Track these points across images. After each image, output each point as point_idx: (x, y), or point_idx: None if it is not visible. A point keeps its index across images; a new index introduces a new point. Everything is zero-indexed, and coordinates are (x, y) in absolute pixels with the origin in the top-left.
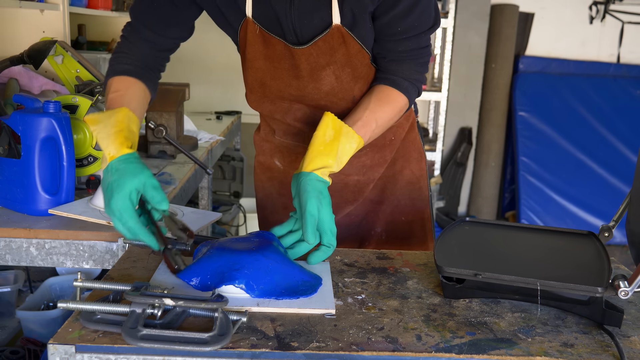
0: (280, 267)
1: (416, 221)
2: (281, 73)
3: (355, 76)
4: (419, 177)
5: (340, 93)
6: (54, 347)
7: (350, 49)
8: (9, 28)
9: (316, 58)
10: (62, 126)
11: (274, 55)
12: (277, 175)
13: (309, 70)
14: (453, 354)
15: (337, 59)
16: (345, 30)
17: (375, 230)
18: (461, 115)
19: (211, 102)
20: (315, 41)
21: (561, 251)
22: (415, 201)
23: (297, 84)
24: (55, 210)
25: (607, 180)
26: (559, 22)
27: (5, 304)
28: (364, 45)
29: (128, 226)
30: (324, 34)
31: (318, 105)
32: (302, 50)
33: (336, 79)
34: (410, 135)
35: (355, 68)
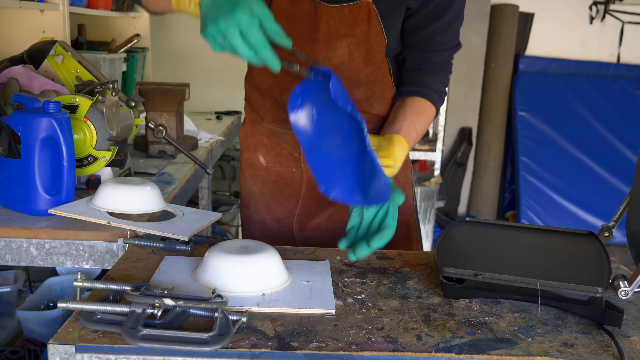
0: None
1: (400, 229)
2: (298, 34)
3: (367, 59)
4: (404, 185)
5: (348, 72)
6: (54, 347)
7: (372, 28)
8: (9, 28)
9: (336, 24)
10: (62, 126)
11: (296, 13)
12: (260, 174)
13: (326, 34)
14: (453, 354)
15: (356, 34)
16: (373, 7)
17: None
18: (461, 115)
19: (211, 102)
20: (342, 5)
21: (561, 251)
22: (400, 209)
23: (310, 49)
24: (55, 210)
25: (607, 180)
26: (559, 22)
27: (5, 304)
28: (384, 31)
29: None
30: (352, 3)
31: None
32: (328, 8)
33: (349, 54)
34: None
35: (369, 49)
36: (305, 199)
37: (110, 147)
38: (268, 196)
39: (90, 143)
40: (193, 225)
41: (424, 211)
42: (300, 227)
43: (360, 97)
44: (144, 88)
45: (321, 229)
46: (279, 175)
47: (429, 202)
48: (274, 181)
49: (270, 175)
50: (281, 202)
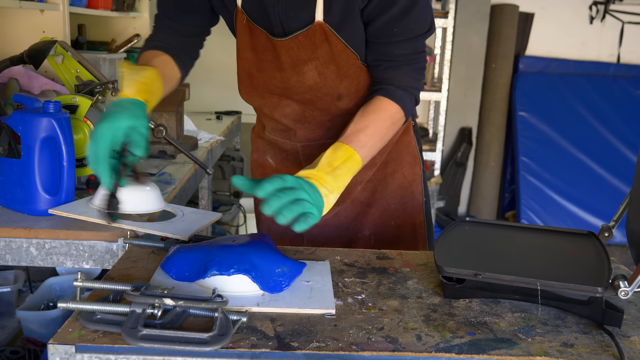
0: (257, 251)
1: (406, 226)
2: (265, 65)
3: (341, 74)
4: (412, 182)
5: (325, 89)
6: (54, 347)
7: (333, 47)
8: (9, 28)
9: (297, 52)
10: (62, 126)
11: (258, 46)
12: (270, 172)
13: (290, 63)
14: (453, 354)
15: (320, 56)
16: (328, 28)
17: (363, 233)
18: (461, 115)
19: (211, 102)
20: (296, 35)
21: (561, 251)
22: (407, 206)
23: (280, 77)
24: (55, 210)
25: (607, 180)
26: (559, 22)
27: (5, 304)
28: (349, 45)
29: (97, 152)
30: (305, 29)
31: (304, 99)
32: (283, 42)
33: (319, 74)
34: (405, 139)
35: (340, 66)
36: None
37: None
38: None
39: None
40: (193, 225)
41: None
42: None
43: (347, 106)
44: None
45: (328, 226)
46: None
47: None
48: None
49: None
50: None
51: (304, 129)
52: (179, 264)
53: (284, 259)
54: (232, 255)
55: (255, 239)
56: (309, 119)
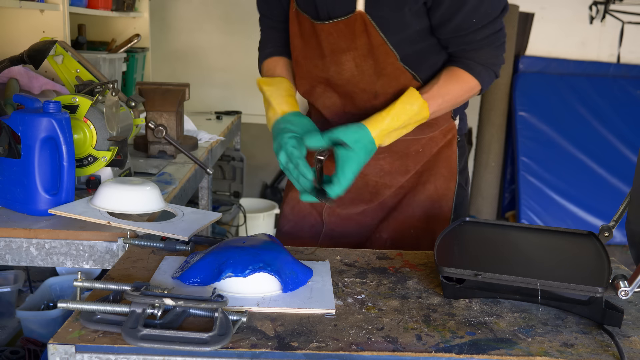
0: (269, 251)
1: (425, 238)
2: (310, 52)
3: (378, 71)
4: (442, 196)
5: (362, 84)
6: (54, 347)
7: (372, 39)
8: (9, 28)
9: (336, 39)
10: (62, 126)
11: (304, 32)
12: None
13: (330, 50)
14: (453, 354)
15: (358, 46)
16: (368, 19)
17: (381, 235)
18: None
19: (211, 102)
20: (336, 21)
21: (561, 251)
22: (431, 219)
23: (322, 65)
24: (55, 210)
25: (607, 180)
26: (559, 22)
27: (5, 304)
28: (389, 42)
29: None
30: (346, 17)
31: (344, 92)
32: (324, 27)
33: (356, 67)
34: (445, 152)
35: (377, 62)
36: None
37: (110, 147)
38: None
39: (90, 143)
40: (193, 225)
41: None
42: (329, 213)
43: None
44: (144, 88)
45: (351, 221)
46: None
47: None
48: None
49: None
50: None
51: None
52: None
53: (294, 261)
54: (245, 256)
55: (266, 240)
56: (347, 114)
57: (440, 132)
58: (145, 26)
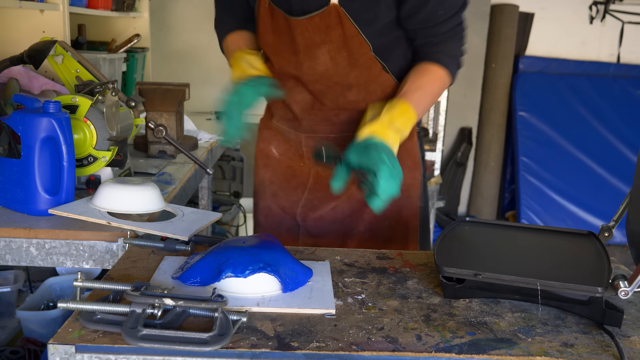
0: (269, 251)
1: (399, 228)
2: (282, 47)
3: (352, 62)
4: (410, 186)
5: (335, 77)
6: (54, 347)
7: (346, 31)
8: (9, 28)
9: (311, 34)
10: (63, 126)
11: (278, 28)
12: (272, 163)
13: (304, 46)
14: (453, 354)
15: (333, 39)
16: (342, 11)
17: (358, 230)
18: (461, 115)
19: (211, 102)
20: (311, 15)
21: (561, 251)
22: (402, 209)
23: (295, 61)
24: (55, 211)
25: (607, 180)
26: (559, 22)
27: (5, 304)
28: (362, 33)
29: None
30: (320, 11)
31: (315, 89)
32: (299, 22)
33: (331, 59)
34: (407, 144)
35: (351, 53)
36: (311, 191)
37: (110, 147)
38: (276, 185)
39: (90, 143)
40: (193, 225)
41: None
42: (303, 217)
43: (355, 98)
44: (144, 88)
45: (324, 220)
46: (289, 167)
47: (429, 202)
48: (284, 172)
49: (282, 166)
50: (288, 192)
51: (309, 120)
52: (196, 271)
53: (294, 261)
54: (245, 256)
55: (265, 240)
56: (316, 110)
57: None
58: (145, 26)
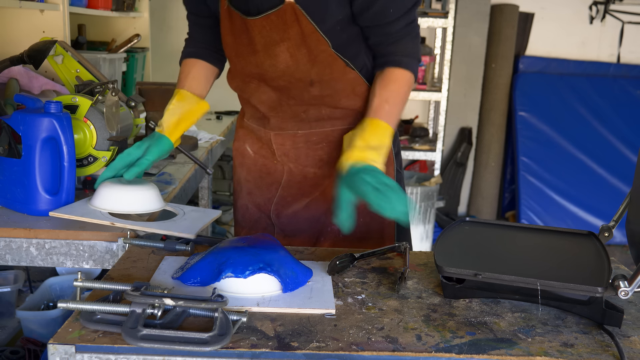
0: (269, 251)
1: (374, 224)
2: (242, 49)
3: (312, 59)
4: None
5: (297, 73)
6: (54, 347)
7: (304, 28)
8: (9, 28)
9: (269, 32)
10: (63, 126)
11: (235, 29)
12: (247, 162)
13: (263, 45)
14: (453, 354)
15: (291, 36)
16: (298, 8)
17: (332, 228)
18: (461, 115)
19: (211, 102)
20: (268, 14)
21: (561, 251)
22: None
23: (255, 61)
24: (56, 213)
25: (607, 180)
26: (559, 22)
27: (5, 304)
28: (320, 30)
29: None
30: (276, 9)
31: (279, 86)
32: (255, 21)
33: (291, 56)
34: None
35: (310, 50)
36: (284, 188)
37: (110, 147)
38: (251, 183)
39: (90, 143)
40: (196, 223)
41: (424, 211)
42: (277, 214)
43: (319, 94)
44: (144, 88)
45: (299, 217)
46: (264, 165)
47: (429, 202)
48: (259, 170)
49: (256, 164)
50: (262, 190)
51: (277, 118)
52: (196, 271)
53: (294, 261)
54: (245, 256)
55: (265, 240)
56: (283, 107)
57: None
58: (145, 26)
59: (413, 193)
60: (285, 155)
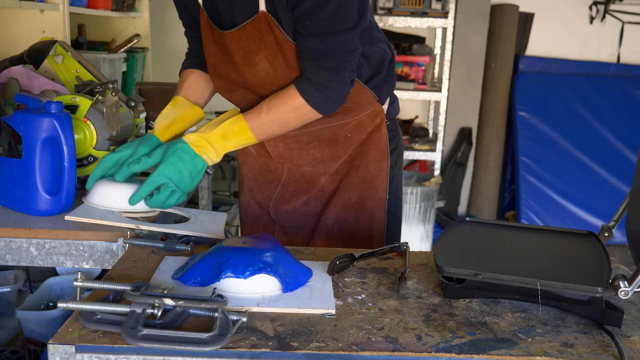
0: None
1: (364, 220)
2: (224, 58)
3: (289, 65)
4: (375, 177)
5: (277, 80)
6: (54, 347)
7: (277, 36)
8: (9, 28)
9: (247, 42)
10: (64, 126)
11: (216, 40)
12: (249, 160)
13: (242, 55)
14: (453, 354)
15: (268, 45)
16: (270, 17)
17: (326, 222)
18: (461, 115)
19: (211, 102)
20: (243, 25)
21: (561, 251)
22: (367, 200)
23: (236, 70)
24: (72, 217)
25: (607, 180)
26: (559, 22)
27: (5, 304)
28: (289, 37)
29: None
30: (251, 19)
31: (260, 93)
32: (232, 34)
33: (270, 64)
34: (375, 136)
35: (287, 57)
36: (284, 186)
37: (110, 147)
38: (252, 181)
39: (90, 143)
40: (216, 224)
41: (424, 211)
42: (275, 210)
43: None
44: (144, 88)
45: (297, 213)
46: (264, 163)
47: (429, 202)
48: (260, 167)
49: (258, 162)
50: (262, 187)
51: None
52: (196, 271)
53: (294, 261)
54: (245, 256)
55: (265, 240)
56: None
57: (367, 117)
58: (145, 26)
59: (413, 193)
60: (280, 155)
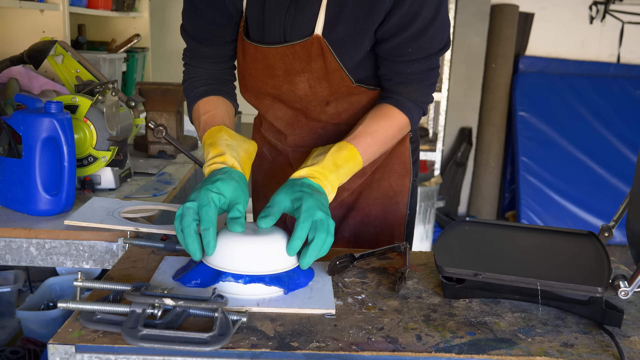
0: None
1: (384, 235)
2: (256, 72)
3: (333, 92)
4: (397, 192)
5: (315, 102)
6: (54, 347)
7: (327, 64)
8: (9, 28)
9: (291, 60)
10: (64, 126)
11: (253, 54)
12: (264, 164)
13: (283, 70)
14: (453, 354)
15: (313, 69)
16: (325, 43)
17: (343, 235)
18: (461, 115)
19: None
20: (292, 44)
21: (561, 251)
22: (388, 215)
23: (273, 83)
24: (72, 222)
25: (607, 180)
26: (559, 22)
27: (5, 304)
28: (344, 67)
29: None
30: (302, 40)
31: (295, 107)
32: (278, 49)
33: (310, 88)
34: (398, 149)
35: (332, 84)
36: None
37: (110, 147)
38: (267, 188)
39: (90, 143)
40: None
41: (424, 211)
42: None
43: (336, 111)
44: (144, 88)
45: None
46: (281, 170)
47: (429, 202)
48: (276, 175)
49: (274, 169)
50: None
51: (294, 135)
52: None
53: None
54: None
55: None
56: (301, 124)
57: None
58: (145, 26)
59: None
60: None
